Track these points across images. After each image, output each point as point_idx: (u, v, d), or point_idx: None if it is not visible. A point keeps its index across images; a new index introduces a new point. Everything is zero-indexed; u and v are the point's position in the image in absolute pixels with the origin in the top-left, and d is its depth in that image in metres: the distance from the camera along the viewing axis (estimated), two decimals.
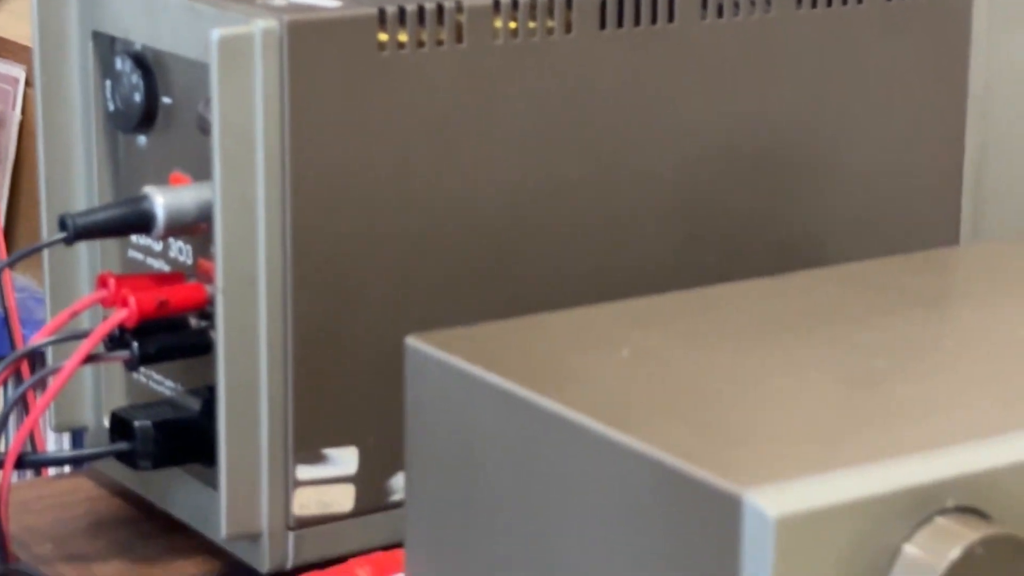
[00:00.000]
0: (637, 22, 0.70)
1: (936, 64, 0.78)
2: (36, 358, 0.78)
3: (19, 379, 0.92)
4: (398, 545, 0.66)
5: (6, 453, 0.66)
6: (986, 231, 0.80)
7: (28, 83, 1.22)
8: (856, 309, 0.64)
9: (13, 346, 1.16)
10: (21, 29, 1.26)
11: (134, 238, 0.71)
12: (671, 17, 0.70)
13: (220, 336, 0.64)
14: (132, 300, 0.65)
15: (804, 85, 0.74)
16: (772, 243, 0.75)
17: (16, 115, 1.23)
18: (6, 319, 1.15)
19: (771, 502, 0.48)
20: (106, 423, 0.73)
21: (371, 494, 0.67)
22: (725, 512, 0.49)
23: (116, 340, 0.66)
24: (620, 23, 0.69)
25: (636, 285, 0.68)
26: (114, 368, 0.73)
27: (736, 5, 0.72)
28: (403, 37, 0.65)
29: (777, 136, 0.74)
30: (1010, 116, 0.80)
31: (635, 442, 0.52)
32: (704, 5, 0.71)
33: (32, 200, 1.25)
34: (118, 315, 0.65)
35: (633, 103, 0.70)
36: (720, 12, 0.71)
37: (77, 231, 0.65)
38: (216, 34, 0.62)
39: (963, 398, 0.56)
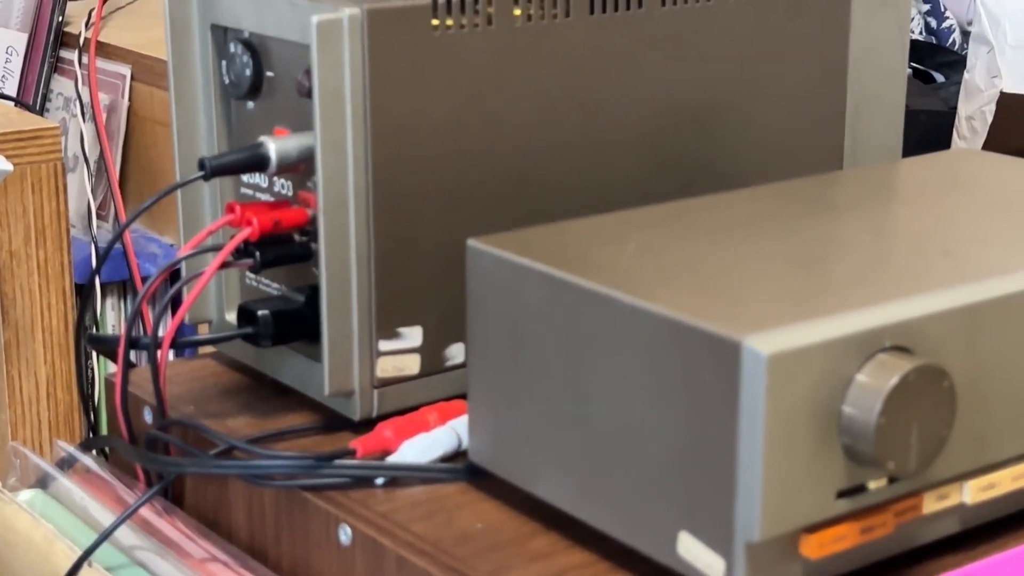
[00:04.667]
0: (616, 8, 0.68)
1: (826, 38, 0.77)
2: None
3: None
4: (455, 397, 0.66)
5: (162, 338, 0.64)
6: (860, 162, 0.80)
7: (133, 77, 1.19)
8: (788, 213, 0.63)
9: (131, 273, 1.13)
10: (124, 38, 1.23)
11: (245, 177, 0.69)
12: (640, 4, 0.69)
13: (322, 245, 0.63)
14: (255, 220, 0.63)
15: (732, 55, 0.73)
16: (710, 172, 0.74)
17: (125, 102, 1.20)
18: (124, 252, 1.12)
19: (763, 345, 0.47)
20: (227, 317, 0.71)
21: (432, 361, 0.66)
22: (727, 355, 0.48)
23: (240, 251, 0.65)
24: (604, 9, 0.68)
25: (618, 203, 0.67)
26: (232, 275, 0.71)
27: None
28: (450, 22, 0.64)
29: (712, 94, 0.73)
30: (876, 77, 0.79)
31: (653, 307, 0.51)
32: None
33: (138, 167, 1.23)
34: (244, 232, 0.63)
35: (612, 69, 0.69)
36: (675, 1, 0.70)
37: (213, 170, 0.63)
38: (315, 20, 0.61)
39: (880, 271, 0.56)
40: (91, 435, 0.74)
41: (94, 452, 0.73)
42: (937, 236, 0.59)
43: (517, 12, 0.66)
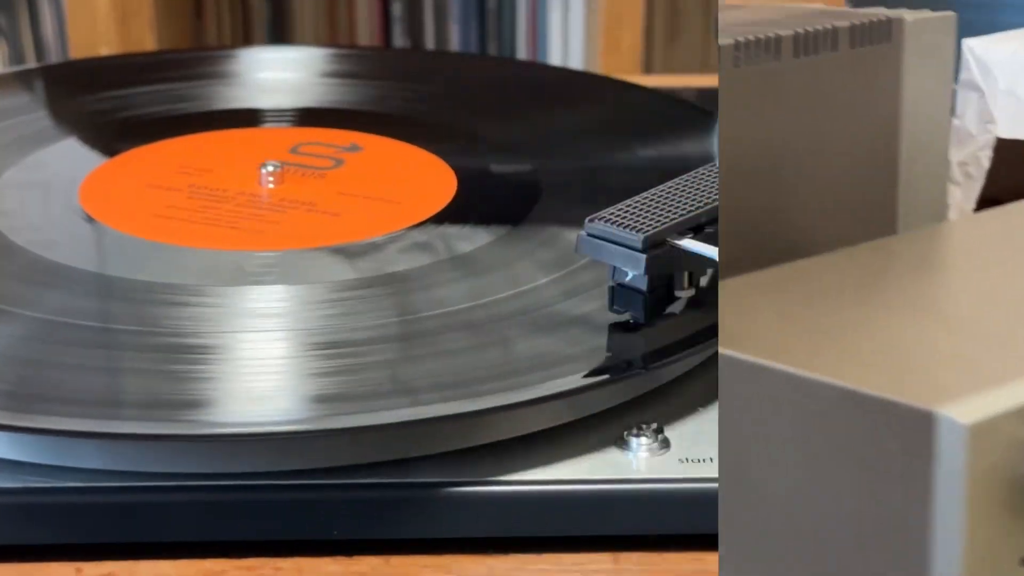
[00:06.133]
0: None
1: (879, 92, 0.76)
2: None
3: None
4: None
5: None
6: (913, 215, 0.79)
7: None
8: (900, 272, 0.62)
9: None
10: None
11: None
12: None
13: None
14: None
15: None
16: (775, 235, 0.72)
17: None
18: None
19: (961, 414, 0.46)
20: None
21: None
22: (918, 427, 0.46)
23: None
24: None
25: None
26: None
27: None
28: None
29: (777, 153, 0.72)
30: (924, 130, 0.79)
31: (826, 378, 0.49)
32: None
33: None
34: None
35: None
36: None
37: None
38: None
39: None
40: None
41: None
42: None
43: None
